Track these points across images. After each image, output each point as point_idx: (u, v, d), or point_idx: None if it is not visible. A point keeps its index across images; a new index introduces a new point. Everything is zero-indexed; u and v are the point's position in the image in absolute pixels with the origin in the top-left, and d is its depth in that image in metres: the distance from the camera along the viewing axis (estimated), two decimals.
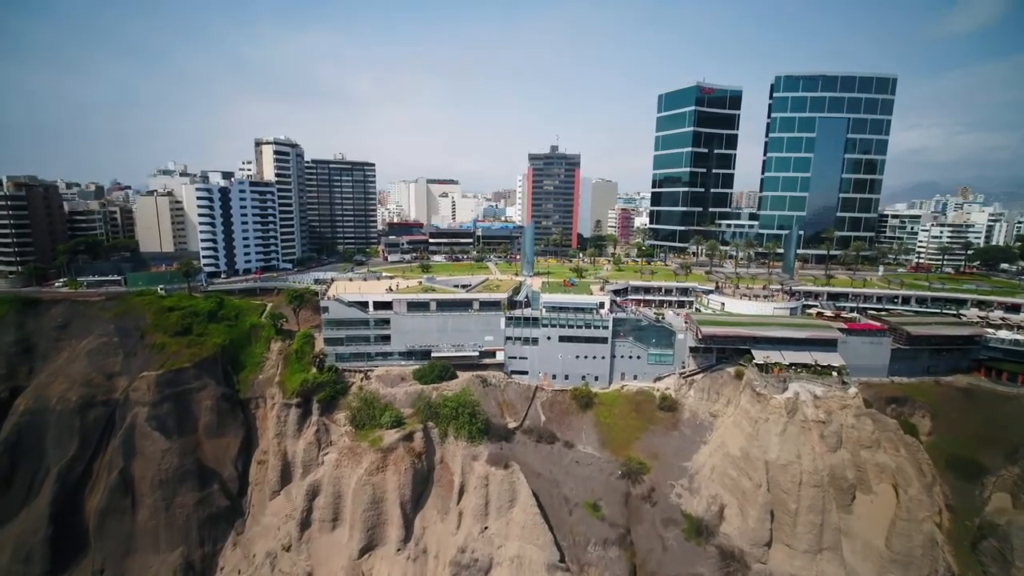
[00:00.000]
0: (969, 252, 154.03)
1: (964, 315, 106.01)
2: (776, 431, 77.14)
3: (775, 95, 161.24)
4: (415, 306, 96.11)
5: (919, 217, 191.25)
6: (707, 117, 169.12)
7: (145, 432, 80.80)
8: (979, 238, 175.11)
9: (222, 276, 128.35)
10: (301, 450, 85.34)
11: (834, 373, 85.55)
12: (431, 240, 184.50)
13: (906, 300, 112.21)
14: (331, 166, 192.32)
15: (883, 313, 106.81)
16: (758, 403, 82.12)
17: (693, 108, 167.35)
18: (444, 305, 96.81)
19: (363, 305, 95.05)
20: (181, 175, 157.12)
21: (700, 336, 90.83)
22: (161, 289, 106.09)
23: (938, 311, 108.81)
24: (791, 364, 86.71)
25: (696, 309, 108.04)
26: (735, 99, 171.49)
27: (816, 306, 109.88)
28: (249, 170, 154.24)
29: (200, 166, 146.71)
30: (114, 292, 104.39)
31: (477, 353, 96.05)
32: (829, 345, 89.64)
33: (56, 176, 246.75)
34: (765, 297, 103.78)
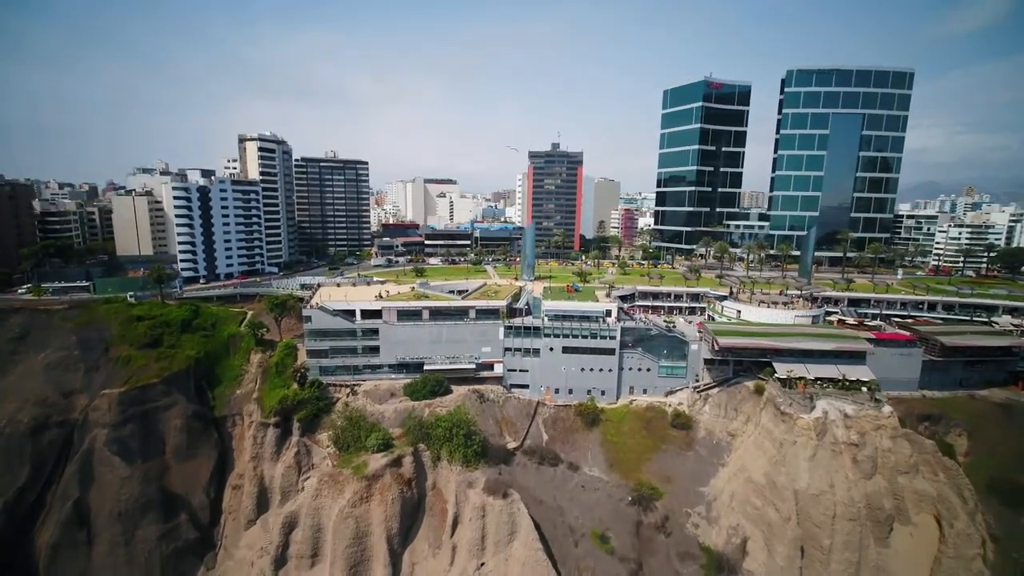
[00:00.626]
0: (992, 254, 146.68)
1: (996, 323, 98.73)
2: (805, 456, 69.51)
3: (786, 90, 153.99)
4: (406, 314, 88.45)
5: (936, 218, 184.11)
6: (715, 113, 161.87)
7: (104, 457, 72.76)
8: (999, 239, 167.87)
9: (201, 281, 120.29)
10: (279, 475, 77.45)
11: (864, 389, 78.02)
12: (427, 242, 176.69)
13: (932, 306, 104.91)
14: (322, 164, 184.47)
15: (909, 321, 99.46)
16: (782, 423, 74.54)
17: (700, 104, 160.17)
18: (438, 313, 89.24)
19: (350, 314, 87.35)
20: (162, 173, 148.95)
21: (717, 348, 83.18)
22: (131, 296, 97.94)
23: (968, 318, 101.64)
24: (816, 379, 79.25)
25: (709, 317, 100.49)
26: (744, 95, 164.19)
27: (836, 313, 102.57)
28: (234, 168, 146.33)
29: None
30: (79, 299, 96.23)
31: (473, 365, 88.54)
32: (857, 357, 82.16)
33: (51, 176, 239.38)
34: (784, 304, 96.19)
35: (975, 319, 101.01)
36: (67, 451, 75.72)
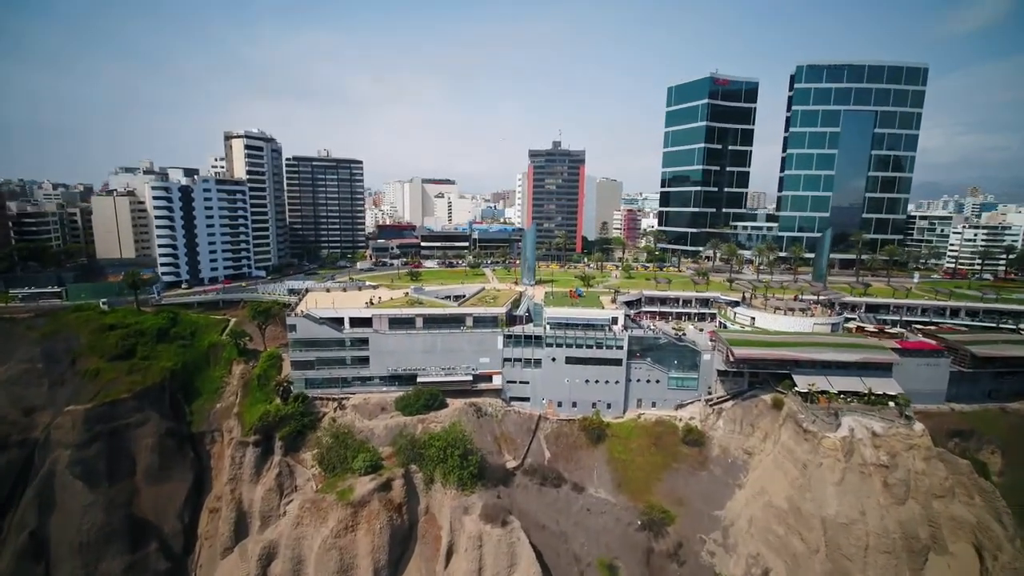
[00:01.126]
0: (1011, 256, 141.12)
1: None
2: (832, 479, 63.61)
3: (796, 86, 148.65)
4: (398, 322, 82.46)
5: (949, 219, 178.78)
6: (721, 111, 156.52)
7: (66, 481, 66.56)
8: (1016, 241, 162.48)
9: (183, 286, 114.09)
10: (259, 498, 71.30)
11: (891, 403, 72.12)
12: (423, 244, 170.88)
13: (955, 312, 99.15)
14: (314, 164, 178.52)
15: (932, 328, 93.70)
16: (805, 441, 68.65)
17: (706, 101, 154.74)
18: (432, 321, 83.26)
19: (337, 322, 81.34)
20: (146, 172, 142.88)
21: (732, 359, 77.22)
22: (103, 303, 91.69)
23: (993, 325, 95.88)
24: (839, 392, 73.39)
25: (721, 324, 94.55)
26: (751, 91, 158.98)
27: (854, 319, 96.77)
28: (221, 167, 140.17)
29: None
30: (47, 307, 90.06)
31: (470, 377, 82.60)
32: (883, 369, 76.26)
33: (49, 177, 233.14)
34: (802, 310, 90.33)
35: (1001, 326, 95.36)
36: (26, 474, 69.50)
